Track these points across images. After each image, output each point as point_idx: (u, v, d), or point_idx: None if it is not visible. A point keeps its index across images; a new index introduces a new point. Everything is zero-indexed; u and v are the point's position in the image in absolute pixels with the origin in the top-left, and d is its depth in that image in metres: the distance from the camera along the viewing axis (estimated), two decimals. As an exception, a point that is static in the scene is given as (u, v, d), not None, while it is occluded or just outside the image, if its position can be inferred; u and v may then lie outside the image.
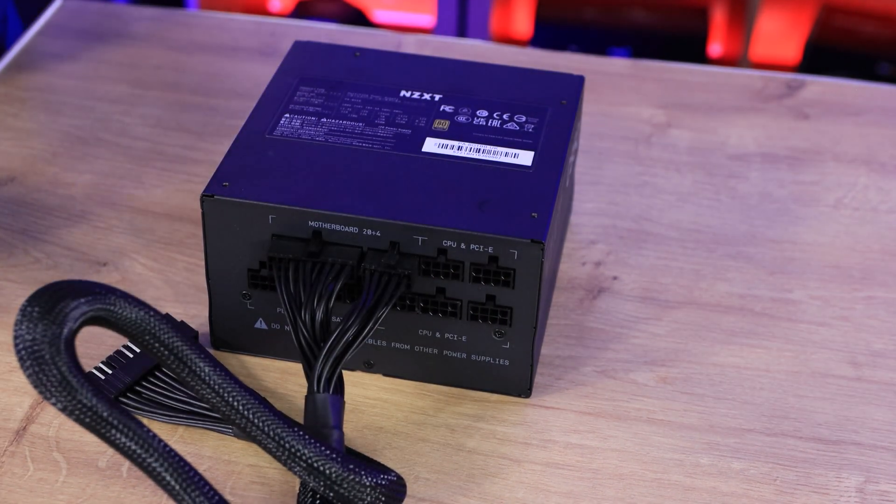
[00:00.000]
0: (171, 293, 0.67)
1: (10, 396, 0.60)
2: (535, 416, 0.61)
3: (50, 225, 0.71)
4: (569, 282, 0.68)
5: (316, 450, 0.51)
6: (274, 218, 0.59)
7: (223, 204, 0.59)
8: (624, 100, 0.83)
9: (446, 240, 0.58)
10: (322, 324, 0.56)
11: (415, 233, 0.58)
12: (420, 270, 0.58)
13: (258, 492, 0.56)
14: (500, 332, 0.60)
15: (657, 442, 0.60)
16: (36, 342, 0.47)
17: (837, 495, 0.57)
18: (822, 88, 0.85)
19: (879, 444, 0.60)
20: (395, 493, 0.53)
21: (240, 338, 0.62)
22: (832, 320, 0.67)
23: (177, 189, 0.74)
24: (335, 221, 0.58)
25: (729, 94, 0.85)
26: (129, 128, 0.80)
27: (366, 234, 0.58)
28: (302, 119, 0.64)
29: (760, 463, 0.59)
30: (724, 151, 0.79)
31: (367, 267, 0.58)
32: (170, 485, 0.48)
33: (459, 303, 0.59)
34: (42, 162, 0.76)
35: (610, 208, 0.74)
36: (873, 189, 0.76)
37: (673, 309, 0.67)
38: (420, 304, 0.59)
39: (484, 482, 0.57)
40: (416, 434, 0.60)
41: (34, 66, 0.86)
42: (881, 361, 0.64)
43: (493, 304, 0.59)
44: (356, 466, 0.51)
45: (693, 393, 0.62)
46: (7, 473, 0.57)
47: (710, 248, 0.71)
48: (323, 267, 0.58)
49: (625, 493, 0.57)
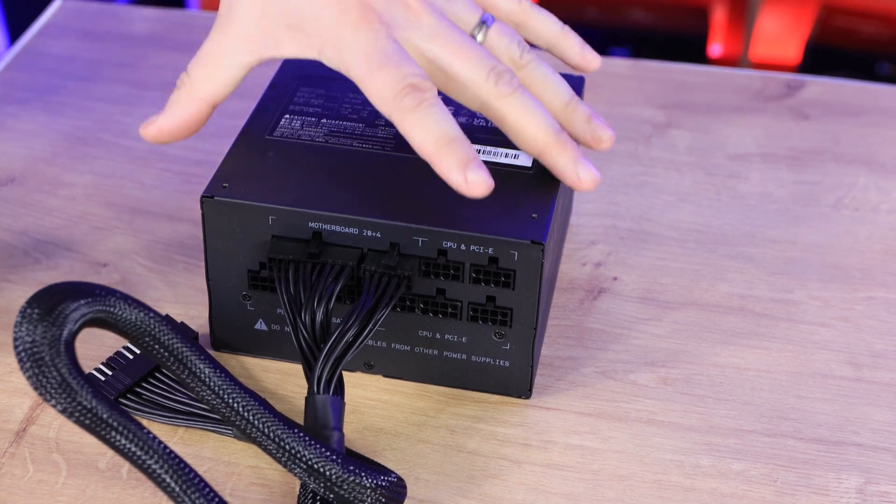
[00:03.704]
0: (170, 294, 0.67)
1: (10, 398, 0.60)
2: (535, 417, 0.61)
3: (50, 226, 0.71)
4: (569, 282, 0.68)
5: (316, 451, 0.51)
6: (274, 219, 0.59)
7: (223, 205, 0.59)
8: (624, 100, 0.83)
9: (446, 241, 0.58)
10: (322, 325, 0.56)
11: (415, 234, 0.58)
12: (420, 271, 0.58)
13: (258, 493, 0.56)
14: (501, 334, 0.60)
15: (657, 443, 0.60)
16: (36, 344, 0.47)
17: (838, 496, 0.57)
18: (822, 88, 0.85)
19: (880, 445, 0.60)
20: (395, 494, 0.53)
21: (240, 339, 0.62)
22: (832, 321, 0.67)
23: (177, 190, 0.74)
24: (335, 223, 0.58)
25: (729, 94, 0.85)
26: (130, 128, 0.79)
27: (366, 235, 0.58)
28: (302, 120, 0.64)
29: (761, 464, 0.59)
30: (724, 151, 0.79)
31: (366, 268, 0.58)
32: (170, 486, 0.48)
33: (459, 304, 0.59)
34: (42, 163, 0.76)
35: (610, 208, 0.74)
36: (873, 189, 0.76)
37: (673, 309, 0.67)
38: (420, 305, 0.59)
39: (484, 483, 0.57)
40: (417, 435, 0.59)
41: (34, 66, 0.86)
42: (881, 362, 0.64)
43: (493, 305, 0.59)
44: (356, 468, 0.51)
45: (693, 394, 0.62)
46: (7, 475, 0.57)
47: (710, 248, 0.71)
48: (323, 268, 0.58)
49: (625, 494, 0.57)
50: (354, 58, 0.57)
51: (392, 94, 0.56)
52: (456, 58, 0.59)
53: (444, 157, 0.55)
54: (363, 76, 0.57)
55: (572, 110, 0.62)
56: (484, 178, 0.55)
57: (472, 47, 0.59)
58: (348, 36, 0.57)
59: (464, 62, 0.59)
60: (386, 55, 0.57)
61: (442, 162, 0.55)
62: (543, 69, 0.62)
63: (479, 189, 0.55)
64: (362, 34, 0.57)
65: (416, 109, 0.56)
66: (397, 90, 0.56)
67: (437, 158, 0.56)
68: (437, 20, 0.59)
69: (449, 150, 0.55)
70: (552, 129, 0.59)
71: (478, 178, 0.55)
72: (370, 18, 0.58)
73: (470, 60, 0.59)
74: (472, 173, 0.55)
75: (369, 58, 0.57)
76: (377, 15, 0.58)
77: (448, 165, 0.55)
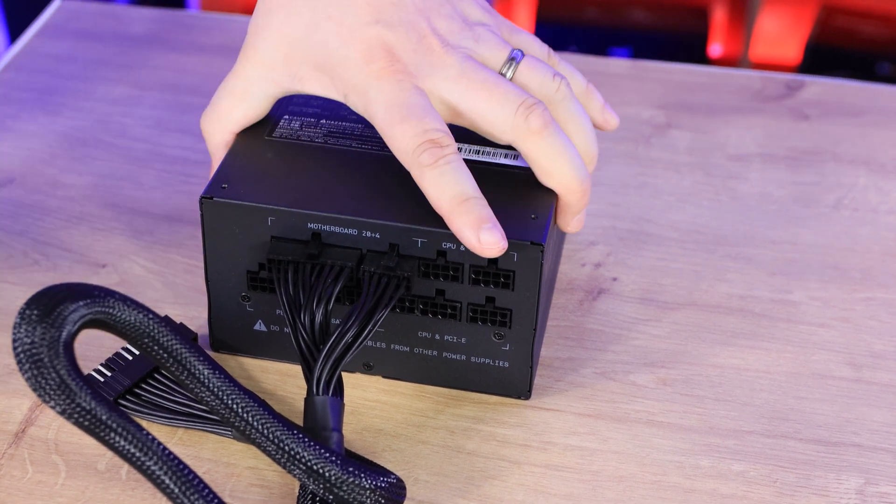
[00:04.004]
0: (170, 295, 0.67)
1: (9, 399, 0.60)
2: (535, 418, 0.61)
3: (49, 227, 0.71)
4: (568, 283, 0.68)
5: (315, 452, 0.51)
6: (273, 220, 0.59)
7: (222, 206, 0.59)
8: (624, 100, 0.83)
9: (445, 242, 0.58)
10: (321, 326, 0.56)
11: (414, 235, 0.58)
12: (419, 272, 0.58)
13: (258, 494, 0.56)
14: (500, 335, 0.59)
15: (657, 444, 0.59)
16: (34, 345, 0.46)
17: (837, 497, 0.57)
18: (821, 89, 0.85)
19: (879, 446, 0.60)
20: (394, 495, 0.53)
21: (239, 340, 0.62)
22: (832, 321, 0.67)
23: (176, 190, 0.74)
24: (334, 223, 0.58)
25: (729, 94, 0.85)
26: (129, 129, 0.79)
27: (365, 236, 0.58)
28: (301, 121, 0.64)
29: (760, 465, 0.59)
30: (723, 152, 0.79)
31: (366, 269, 0.58)
32: (169, 488, 0.48)
33: (459, 305, 0.59)
34: (41, 163, 0.76)
35: (609, 209, 0.74)
36: (873, 190, 0.76)
37: (672, 310, 0.67)
38: (419, 306, 0.59)
39: (483, 484, 0.57)
40: (416, 436, 0.59)
41: (33, 66, 0.85)
42: (881, 363, 0.64)
43: (492, 305, 0.59)
44: (356, 469, 0.51)
45: (693, 394, 0.62)
46: (6, 476, 0.57)
47: (709, 249, 0.71)
48: (322, 269, 0.58)
49: (624, 494, 0.57)
50: (378, 108, 0.58)
51: (411, 148, 0.57)
52: (482, 96, 0.58)
53: (459, 216, 0.56)
54: (385, 128, 0.57)
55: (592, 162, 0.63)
56: (497, 238, 0.55)
57: (499, 84, 0.59)
58: (373, 85, 0.58)
59: (489, 99, 0.58)
60: (408, 108, 0.57)
61: (456, 221, 0.56)
62: (574, 110, 0.62)
63: (491, 250, 0.56)
64: (386, 84, 0.58)
65: (434, 166, 0.56)
66: (416, 144, 0.56)
67: (452, 217, 0.56)
68: (463, 61, 0.59)
69: (463, 209, 0.56)
70: (580, 176, 0.60)
71: (491, 239, 0.55)
72: (396, 69, 0.58)
73: (496, 97, 0.58)
74: (486, 234, 0.55)
75: (391, 109, 0.57)
76: (403, 65, 0.58)
77: (462, 224, 0.56)
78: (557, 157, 0.59)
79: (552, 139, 0.59)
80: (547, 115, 0.59)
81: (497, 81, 0.59)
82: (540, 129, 0.58)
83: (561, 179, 0.59)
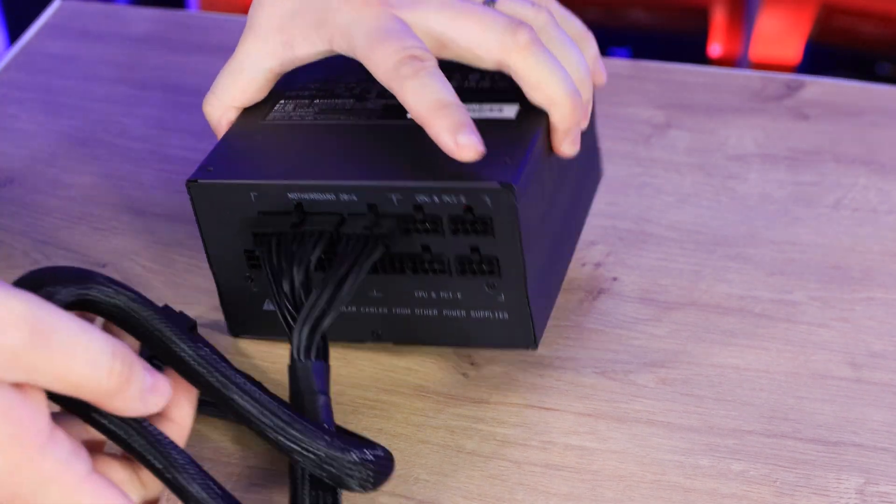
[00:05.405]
0: (171, 294, 0.67)
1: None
2: (535, 418, 0.61)
3: (49, 226, 0.71)
4: (568, 283, 0.68)
5: (302, 428, 0.51)
6: (256, 195, 0.59)
7: (207, 187, 0.59)
8: (624, 100, 0.83)
9: (420, 195, 0.57)
10: (301, 293, 0.56)
11: (388, 192, 0.57)
12: (401, 230, 0.58)
13: (257, 495, 0.56)
14: (492, 284, 0.59)
15: (656, 443, 0.60)
16: None
17: (837, 497, 0.57)
18: (821, 89, 0.85)
19: (879, 446, 0.60)
20: (382, 467, 0.52)
21: (252, 322, 0.62)
22: (832, 321, 0.67)
23: (176, 190, 0.74)
24: (313, 190, 0.58)
25: (729, 94, 0.85)
26: (129, 129, 0.80)
27: (343, 199, 0.58)
28: (295, 103, 0.64)
29: (760, 464, 0.59)
30: (723, 152, 0.79)
31: (345, 232, 0.58)
32: (152, 465, 0.48)
33: (447, 259, 0.59)
34: (41, 163, 0.76)
35: (609, 209, 0.74)
36: (873, 190, 0.76)
37: (672, 310, 0.67)
38: (409, 264, 0.59)
39: (483, 484, 0.57)
40: (416, 436, 0.60)
41: (33, 66, 0.86)
42: (881, 363, 0.64)
43: (478, 255, 0.58)
44: (343, 443, 0.51)
45: (692, 394, 0.62)
46: None
47: (709, 249, 0.71)
48: (304, 237, 0.58)
49: (624, 494, 0.57)
50: (359, 37, 0.59)
51: (392, 64, 0.58)
52: (468, 22, 0.60)
53: (437, 119, 0.57)
54: (366, 52, 0.59)
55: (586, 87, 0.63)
56: (474, 141, 0.56)
57: (485, 10, 0.60)
58: (353, 18, 0.59)
59: (477, 24, 0.60)
60: (387, 30, 0.59)
61: (434, 125, 0.57)
62: (560, 35, 0.62)
63: (468, 152, 0.56)
64: (366, 15, 0.59)
65: (414, 77, 0.57)
66: (397, 60, 0.58)
67: (430, 121, 0.57)
68: None
69: (442, 114, 0.57)
70: (568, 89, 0.60)
71: (468, 142, 0.56)
72: (377, 2, 0.60)
73: (484, 22, 0.60)
74: (463, 136, 0.56)
75: (371, 35, 0.59)
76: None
77: (439, 128, 0.56)
78: (543, 69, 0.60)
79: (540, 54, 0.59)
80: (534, 34, 0.60)
81: (482, 8, 0.60)
82: (528, 43, 0.59)
83: (548, 92, 0.60)
